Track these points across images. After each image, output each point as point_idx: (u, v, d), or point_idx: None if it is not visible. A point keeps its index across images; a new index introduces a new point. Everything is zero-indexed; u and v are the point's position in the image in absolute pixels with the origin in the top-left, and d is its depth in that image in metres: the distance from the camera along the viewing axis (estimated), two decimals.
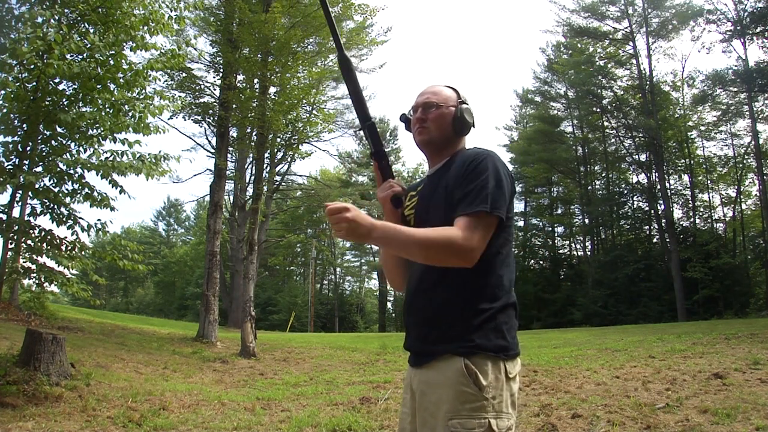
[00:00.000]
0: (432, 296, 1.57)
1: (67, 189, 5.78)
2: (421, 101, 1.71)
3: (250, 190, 20.95)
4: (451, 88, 1.75)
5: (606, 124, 32.86)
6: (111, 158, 5.71)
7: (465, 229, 1.45)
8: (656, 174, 28.47)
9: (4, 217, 5.52)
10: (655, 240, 30.77)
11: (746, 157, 27.91)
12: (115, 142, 5.76)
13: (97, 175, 5.65)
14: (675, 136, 29.06)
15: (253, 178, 18.41)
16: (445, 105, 1.69)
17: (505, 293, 1.55)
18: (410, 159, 59.41)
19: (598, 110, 32.16)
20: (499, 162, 1.57)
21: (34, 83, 5.39)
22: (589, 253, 34.54)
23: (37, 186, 5.54)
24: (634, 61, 29.63)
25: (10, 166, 5.50)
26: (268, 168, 17.09)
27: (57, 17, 5.25)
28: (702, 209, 30.32)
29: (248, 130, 15.40)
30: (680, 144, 29.60)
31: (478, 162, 1.56)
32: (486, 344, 1.47)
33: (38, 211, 5.75)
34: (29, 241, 5.75)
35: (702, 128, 29.23)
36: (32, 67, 5.28)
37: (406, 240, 1.41)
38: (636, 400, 4.89)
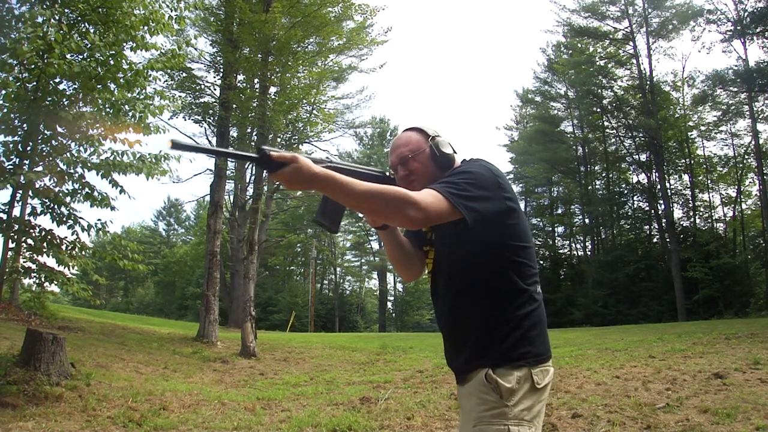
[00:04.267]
0: (458, 317, 1.62)
1: (67, 189, 5.79)
2: (396, 159, 1.71)
3: (250, 190, 20.94)
4: (416, 129, 1.74)
5: (606, 124, 32.83)
6: (111, 158, 5.71)
7: (422, 191, 1.44)
8: (656, 174, 28.46)
9: (5, 216, 5.52)
10: (655, 240, 30.76)
11: (746, 157, 27.89)
12: (115, 142, 5.77)
13: (98, 174, 5.66)
14: (675, 136, 29.03)
15: (253, 178, 18.41)
16: (419, 151, 1.69)
17: (527, 298, 1.56)
18: None
19: (598, 110, 32.12)
20: (483, 168, 1.57)
21: (35, 83, 5.39)
22: (589, 253, 34.53)
23: (37, 185, 5.54)
24: (634, 61, 29.60)
25: (10, 166, 5.50)
26: None
27: (57, 17, 5.25)
28: (702, 209, 30.31)
29: (248, 130, 15.39)
30: (680, 144, 29.58)
31: (458, 166, 1.65)
32: (511, 354, 1.50)
33: (38, 211, 5.75)
34: (29, 241, 5.75)
35: (702, 128, 29.21)
36: (33, 66, 5.28)
37: (350, 188, 1.35)
38: (636, 400, 4.89)
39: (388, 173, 1.75)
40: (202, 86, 15.45)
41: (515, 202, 1.58)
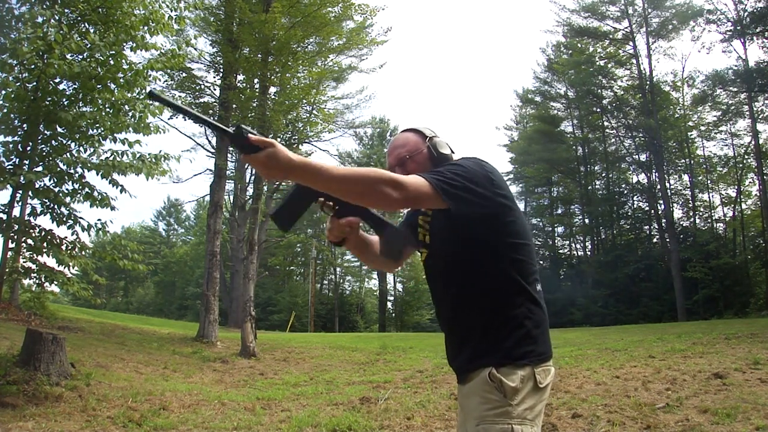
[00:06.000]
0: (459, 317, 1.61)
1: (67, 189, 5.79)
2: (394, 160, 1.70)
3: (250, 190, 20.91)
4: (413, 130, 1.74)
5: (606, 124, 32.86)
6: (111, 158, 5.72)
7: (407, 175, 1.41)
8: (656, 174, 28.47)
9: (5, 216, 5.53)
10: (655, 240, 30.78)
11: (746, 157, 27.90)
12: (115, 142, 5.78)
13: (98, 174, 5.67)
14: (675, 136, 29.06)
15: (253, 177, 18.40)
16: (417, 152, 1.68)
17: (528, 296, 1.55)
18: None
19: (598, 110, 32.15)
20: (475, 164, 1.55)
21: (35, 83, 5.40)
22: (589, 253, 34.56)
23: (37, 186, 5.54)
24: (634, 61, 29.62)
25: (10, 166, 5.51)
26: None
27: (57, 17, 5.25)
28: (702, 209, 30.34)
29: None
30: (680, 144, 29.61)
31: (452, 161, 1.63)
32: (515, 352, 1.49)
33: (38, 211, 5.76)
34: (29, 241, 5.76)
35: (702, 128, 29.24)
36: (33, 67, 5.29)
37: (328, 173, 1.30)
38: (636, 400, 4.89)
39: None
40: (202, 86, 15.47)
41: (511, 200, 1.57)
